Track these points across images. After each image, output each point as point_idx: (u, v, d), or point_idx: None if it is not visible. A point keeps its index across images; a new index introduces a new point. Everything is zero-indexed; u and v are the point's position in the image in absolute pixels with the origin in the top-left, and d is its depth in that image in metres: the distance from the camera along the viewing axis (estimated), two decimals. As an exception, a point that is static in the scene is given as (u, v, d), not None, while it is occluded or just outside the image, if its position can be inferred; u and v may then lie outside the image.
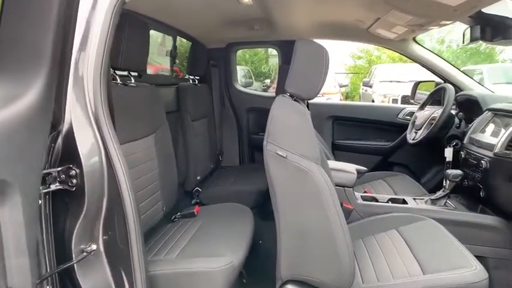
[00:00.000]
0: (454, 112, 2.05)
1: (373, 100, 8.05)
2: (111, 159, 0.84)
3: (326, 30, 2.35)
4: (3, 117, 0.60)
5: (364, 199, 1.73)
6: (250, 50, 9.46)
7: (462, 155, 1.80)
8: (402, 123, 2.53)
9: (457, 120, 1.99)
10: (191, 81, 2.42)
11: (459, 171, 1.65)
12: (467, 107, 2.07)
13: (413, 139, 2.11)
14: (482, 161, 1.57)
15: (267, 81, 9.32)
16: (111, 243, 0.88)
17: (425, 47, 2.38)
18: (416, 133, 2.11)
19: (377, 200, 1.75)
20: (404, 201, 1.72)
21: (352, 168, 1.68)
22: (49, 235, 0.80)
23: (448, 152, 1.90)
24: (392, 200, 1.74)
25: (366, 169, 1.79)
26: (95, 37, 0.82)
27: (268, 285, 1.25)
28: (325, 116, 2.71)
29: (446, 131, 1.95)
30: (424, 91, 2.41)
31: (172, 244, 1.39)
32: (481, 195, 1.60)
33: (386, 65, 10.28)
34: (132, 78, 1.47)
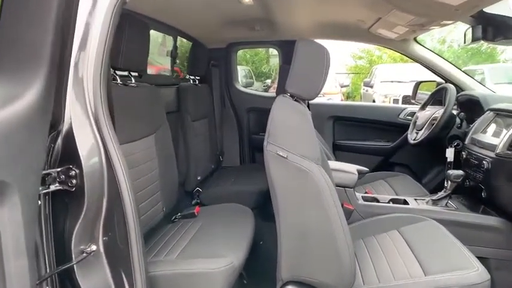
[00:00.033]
0: (456, 112, 2.04)
1: (374, 100, 8.04)
2: (111, 159, 0.84)
3: (327, 30, 2.34)
4: (2, 117, 0.59)
5: (365, 199, 1.72)
6: (251, 50, 9.47)
7: (463, 156, 1.79)
8: (403, 123, 2.52)
9: (459, 120, 1.98)
10: (192, 81, 2.41)
11: (461, 171, 1.65)
12: (468, 107, 2.06)
13: (414, 139, 2.10)
14: (483, 162, 1.56)
15: (268, 81, 9.34)
16: (111, 243, 0.87)
17: (426, 47, 2.37)
18: (417, 133, 2.11)
19: (378, 201, 1.74)
20: (405, 201, 1.71)
21: (353, 168, 1.68)
22: (49, 236, 0.80)
23: (450, 153, 1.89)
24: (393, 201, 1.73)
25: (367, 169, 1.78)
26: (95, 37, 0.81)
27: (268, 286, 1.25)
28: (326, 116, 2.71)
29: (447, 131, 1.94)
30: (425, 91, 2.40)
31: (172, 245, 1.39)
32: (483, 195, 1.59)
33: (387, 65, 10.27)
34: (133, 78, 1.46)
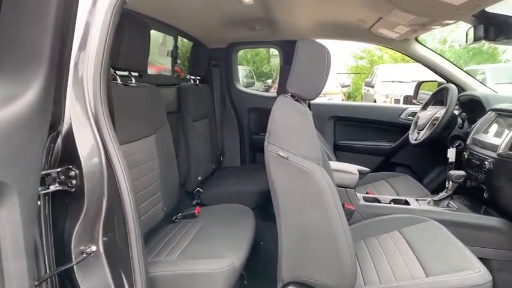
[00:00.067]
0: (457, 112, 2.03)
1: (375, 100, 8.03)
2: (111, 159, 0.84)
3: (328, 30, 2.34)
4: (1, 117, 0.59)
5: (366, 200, 1.71)
6: (251, 50, 9.47)
7: (465, 156, 1.79)
8: (404, 123, 2.51)
9: (460, 120, 1.98)
10: (192, 81, 2.41)
11: (462, 172, 1.64)
12: (470, 107, 2.05)
13: (415, 139, 2.10)
14: (485, 162, 1.55)
15: (269, 81, 9.33)
16: (111, 244, 0.87)
17: (427, 47, 2.36)
18: (418, 133, 2.10)
19: (379, 201, 1.73)
20: (406, 202, 1.70)
21: (354, 169, 1.67)
22: (48, 236, 0.79)
23: (451, 153, 1.88)
24: (394, 201, 1.73)
25: (368, 170, 1.78)
26: (95, 37, 0.81)
27: (269, 287, 1.25)
28: (326, 116, 2.70)
29: (449, 132, 1.94)
30: (427, 91, 2.40)
31: (173, 245, 1.39)
32: (485, 196, 1.58)
33: (388, 65, 10.25)
34: (133, 78, 1.46)
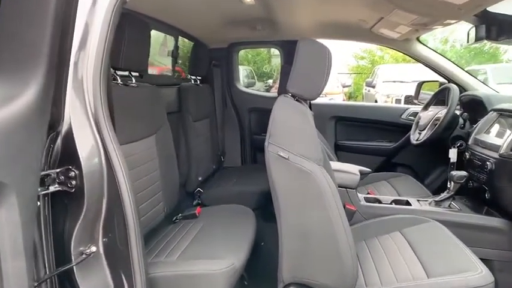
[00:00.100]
0: (459, 112, 2.03)
1: (376, 100, 8.01)
2: (110, 160, 0.83)
3: (329, 30, 2.33)
4: (0, 117, 0.59)
5: (367, 200, 1.71)
6: (252, 50, 9.46)
7: (467, 156, 1.78)
8: (406, 123, 2.51)
9: (462, 120, 1.97)
10: (193, 81, 2.41)
11: (464, 172, 1.63)
12: (471, 108, 2.05)
13: (417, 140, 2.09)
14: (487, 162, 1.55)
15: (270, 81, 9.32)
16: (111, 245, 0.87)
17: (429, 47, 2.35)
18: (420, 134, 2.09)
19: (380, 202, 1.73)
20: (408, 202, 1.70)
21: (355, 169, 1.67)
22: (48, 237, 0.79)
23: (452, 153, 1.88)
24: (395, 202, 1.72)
25: (369, 170, 1.77)
26: (95, 37, 0.81)
27: (269, 287, 1.24)
28: (327, 117, 2.70)
29: (450, 132, 1.93)
30: (428, 91, 2.39)
31: (173, 246, 1.39)
32: (486, 196, 1.58)
33: (389, 65, 10.24)
34: (133, 78, 1.46)
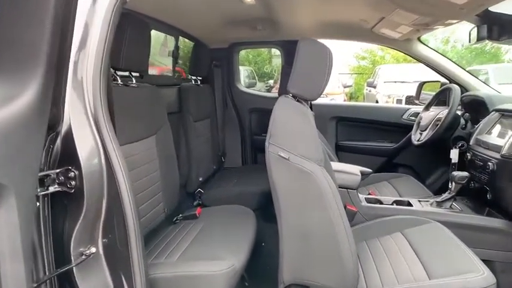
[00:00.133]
0: (460, 113, 2.02)
1: (377, 101, 8.00)
2: (110, 160, 0.83)
3: (329, 30, 2.33)
4: (-1, 118, 0.59)
5: (368, 201, 1.70)
6: (253, 51, 9.46)
7: (468, 157, 1.77)
8: (407, 124, 2.50)
9: (463, 121, 1.96)
10: (193, 81, 2.41)
11: (465, 173, 1.62)
12: (473, 108, 2.04)
13: (418, 140, 2.08)
14: (489, 163, 1.54)
15: (270, 81, 9.31)
16: (110, 246, 0.86)
17: (430, 47, 2.35)
18: (421, 134, 2.09)
19: (381, 202, 1.72)
20: (409, 203, 1.69)
21: (356, 169, 1.66)
22: (47, 238, 0.79)
23: (454, 154, 1.87)
24: (397, 202, 1.71)
25: (370, 171, 1.76)
26: (95, 37, 0.80)
27: None
28: (328, 117, 2.69)
29: (451, 132, 1.92)
30: (429, 91, 2.38)
31: (173, 247, 1.38)
32: (488, 197, 1.57)
33: (390, 66, 10.22)
34: (134, 78, 1.46)
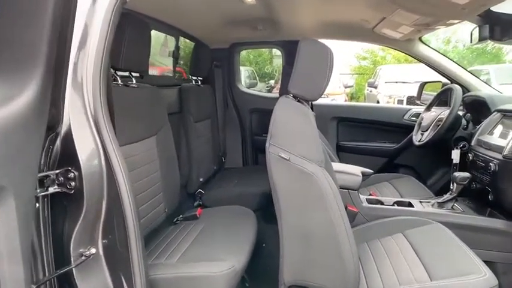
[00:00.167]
0: (461, 113, 2.01)
1: (378, 101, 7.99)
2: (110, 161, 0.83)
3: (330, 30, 2.32)
4: (-2, 118, 0.58)
5: (369, 202, 1.69)
6: (254, 51, 9.45)
7: (470, 157, 1.76)
8: (408, 124, 2.49)
9: (465, 121, 1.96)
10: (194, 82, 2.40)
11: (467, 173, 1.62)
12: (474, 108, 2.03)
13: (419, 141, 2.07)
14: (490, 164, 1.53)
15: (271, 82, 9.31)
16: (110, 246, 0.86)
17: (431, 47, 2.34)
18: (422, 135, 2.08)
19: (382, 203, 1.71)
20: (410, 204, 1.68)
21: (357, 170, 1.65)
22: (47, 239, 0.78)
23: (455, 154, 1.86)
24: (398, 203, 1.71)
25: (372, 171, 1.76)
26: (94, 37, 0.80)
27: None
28: (329, 117, 2.68)
29: (453, 133, 1.91)
30: (431, 92, 2.37)
31: (173, 247, 1.38)
32: (490, 198, 1.56)
33: (391, 66, 10.22)
34: (134, 79, 1.45)
